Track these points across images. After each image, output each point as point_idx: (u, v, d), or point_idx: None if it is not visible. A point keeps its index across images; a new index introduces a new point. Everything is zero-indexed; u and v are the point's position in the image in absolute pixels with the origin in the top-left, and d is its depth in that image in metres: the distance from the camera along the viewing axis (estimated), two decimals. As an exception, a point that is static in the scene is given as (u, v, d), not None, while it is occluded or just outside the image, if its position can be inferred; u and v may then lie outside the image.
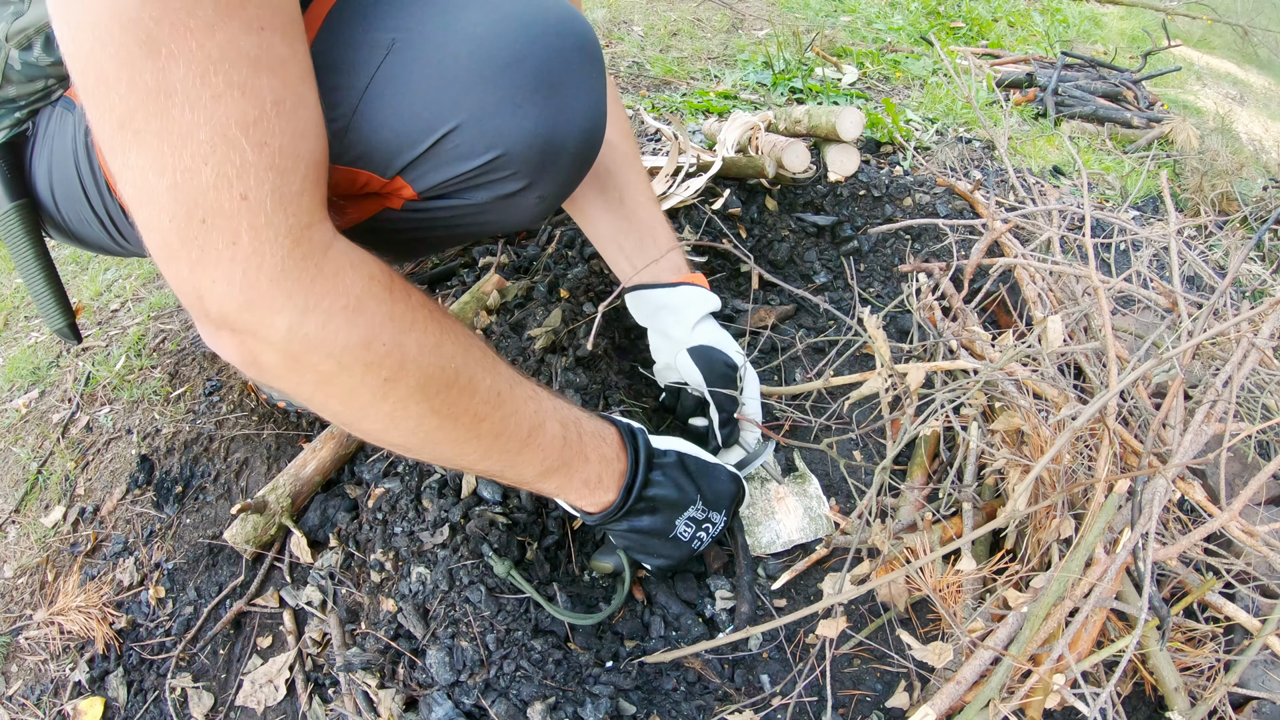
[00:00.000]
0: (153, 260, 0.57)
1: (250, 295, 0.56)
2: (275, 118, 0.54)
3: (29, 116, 0.83)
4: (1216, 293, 1.00)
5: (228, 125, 0.52)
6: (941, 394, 0.94)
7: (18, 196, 0.85)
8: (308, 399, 0.64)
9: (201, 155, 0.51)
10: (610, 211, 1.06)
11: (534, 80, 0.67)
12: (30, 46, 0.76)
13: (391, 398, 0.64)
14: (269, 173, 0.54)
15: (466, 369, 0.69)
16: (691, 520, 0.91)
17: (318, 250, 0.58)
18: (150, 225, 0.54)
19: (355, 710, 0.89)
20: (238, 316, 0.56)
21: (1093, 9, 3.64)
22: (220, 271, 0.55)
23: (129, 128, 0.51)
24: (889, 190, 1.65)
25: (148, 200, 0.53)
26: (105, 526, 1.18)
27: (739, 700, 0.91)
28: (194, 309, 0.58)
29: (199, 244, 0.54)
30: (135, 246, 0.90)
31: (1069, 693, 0.76)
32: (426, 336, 0.65)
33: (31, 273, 0.87)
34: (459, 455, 0.72)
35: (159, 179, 0.52)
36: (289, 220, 0.56)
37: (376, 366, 0.62)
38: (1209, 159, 1.93)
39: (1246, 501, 0.78)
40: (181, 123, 0.51)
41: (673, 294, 1.08)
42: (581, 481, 0.83)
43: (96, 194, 0.83)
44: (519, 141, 0.69)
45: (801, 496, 1.10)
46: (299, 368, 0.60)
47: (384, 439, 0.69)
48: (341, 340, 0.60)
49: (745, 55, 2.59)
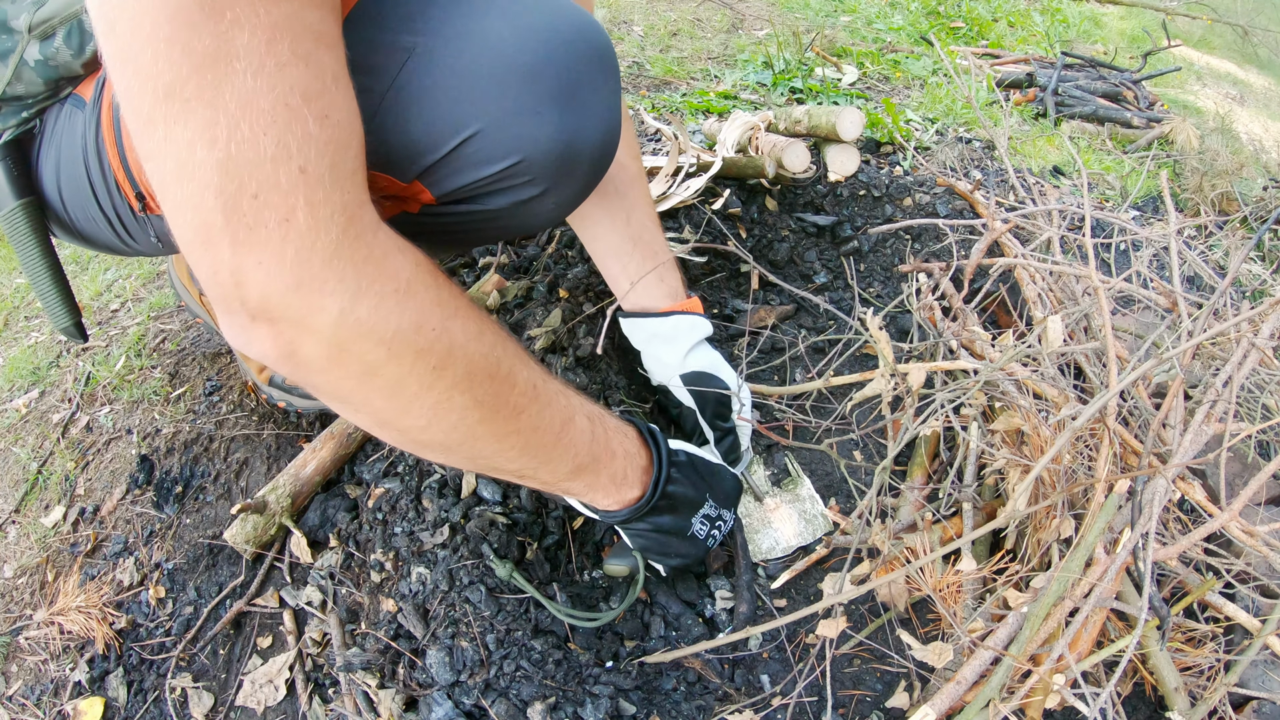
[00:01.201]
0: (182, 247, 0.53)
1: (300, 276, 0.52)
2: (336, 93, 0.52)
3: (36, 115, 0.83)
4: (1216, 293, 1.00)
5: (291, 94, 0.49)
6: (941, 394, 0.94)
7: (24, 194, 0.84)
8: (345, 395, 0.60)
9: (263, 125, 0.48)
10: (616, 231, 1.06)
11: (554, 88, 0.67)
12: (52, 36, 0.76)
13: (438, 388, 0.61)
14: (328, 147, 0.52)
15: (506, 359, 0.67)
16: (706, 518, 0.93)
17: (369, 231, 0.56)
18: (188, 203, 0.50)
19: (355, 710, 0.89)
20: (282, 300, 0.53)
21: (1093, 9, 3.64)
22: (269, 251, 0.51)
23: (177, 96, 0.47)
24: (889, 190, 1.65)
25: (190, 175, 0.49)
26: (105, 526, 1.18)
27: (739, 700, 0.91)
28: (227, 297, 0.53)
29: (248, 221, 0.50)
30: (142, 246, 0.90)
31: (1069, 693, 0.76)
32: (469, 324, 0.63)
33: (38, 271, 0.86)
34: (497, 452, 0.70)
35: (208, 151, 0.48)
36: (344, 197, 0.53)
37: (426, 353, 0.59)
38: (1209, 159, 1.93)
39: (1246, 501, 0.78)
40: (243, 89, 0.47)
41: (665, 324, 1.09)
42: (609, 478, 0.82)
43: (105, 193, 0.82)
44: (538, 148, 0.69)
45: (795, 501, 1.11)
46: (344, 357, 0.57)
47: (422, 437, 0.66)
48: (393, 325, 0.57)
49: (745, 55, 2.59)
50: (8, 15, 0.77)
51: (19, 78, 0.78)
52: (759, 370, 1.32)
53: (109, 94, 0.77)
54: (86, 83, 0.81)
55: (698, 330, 1.09)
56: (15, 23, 0.76)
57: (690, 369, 1.09)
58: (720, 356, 1.12)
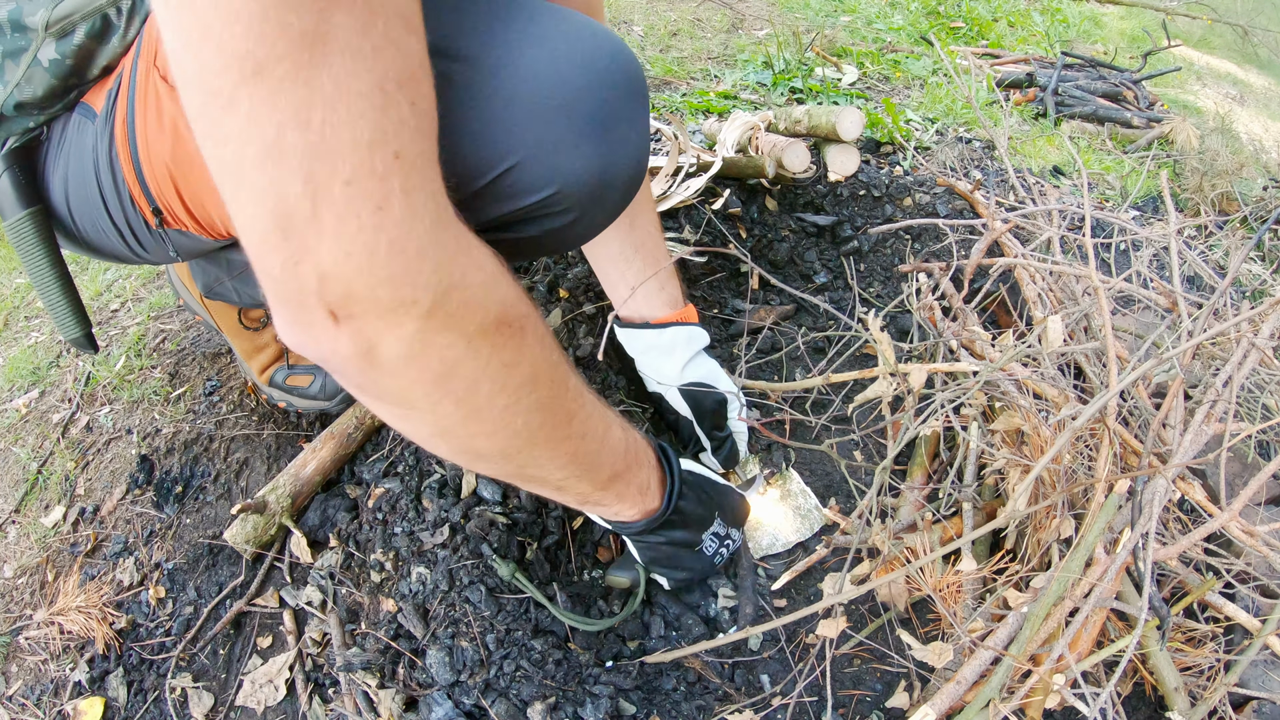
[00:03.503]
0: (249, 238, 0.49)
1: (393, 269, 0.49)
2: (423, 79, 0.50)
3: (43, 124, 0.82)
4: (1216, 293, 1.00)
5: (386, 79, 0.47)
6: (942, 394, 0.94)
7: (31, 203, 0.82)
8: (416, 400, 0.57)
9: (360, 109, 0.46)
10: (618, 238, 1.06)
11: (591, 119, 0.67)
12: (72, 33, 0.74)
13: (509, 388, 0.60)
14: (419, 134, 0.50)
15: (562, 362, 0.66)
16: (715, 536, 0.94)
17: (455, 220, 0.54)
18: (270, 190, 0.46)
19: (355, 710, 0.89)
20: (370, 295, 0.49)
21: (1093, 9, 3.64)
22: (361, 242, 0.48)
23: (269, 75, 0.44)
24: (889, 190, 1.65)
25: (278, 159, 0.45)
26: (105, 526, 1.18)
27: (739, 700, 0.91)
28: (304, 291, 0.49)
29: (339, 210, 0.47)
30: (153, 256, 0.89)
31: (1069, 693, 0.76)
32: (537, 323, 0.62)
33: (46, 281, 0.84)
34: (550, 459, 0.69)
35: (301, 134, 0.45)
36: (434, 184, 0.51)
37: (504, 346, 0.58)
38: (1209, 159, 1.93)
39: (1246, 501, 0.78)
40: (340, 71, 0.45)
41: (662, 336, 1.09)
42: (637, 488, 0.83)
43: (118, 206, 0.81)
44: (575, 179, 0.68)
45: (787, 498, 1.11)
46: (425, 355, 0.53)
47: (481, 445, 0.63)
48: (478, 318, 0.55)
49: (745, 55, 2.58)
50: (22, 12, 0.74)
51: (29, 80, 0.76)
52: (758, 365, 1.32)
53: (123, 108, 0.75)
54: (96, 92, 0.79)
55: (695, 342, 1.10)
56: (31, 19, 0.74)
57: (688, 380, 1.09)
58: (717, 365, 1.13)
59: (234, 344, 1.24)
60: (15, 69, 0.76)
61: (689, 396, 1.10)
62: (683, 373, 1.09)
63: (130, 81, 0.74)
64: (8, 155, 0.82)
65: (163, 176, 0.74)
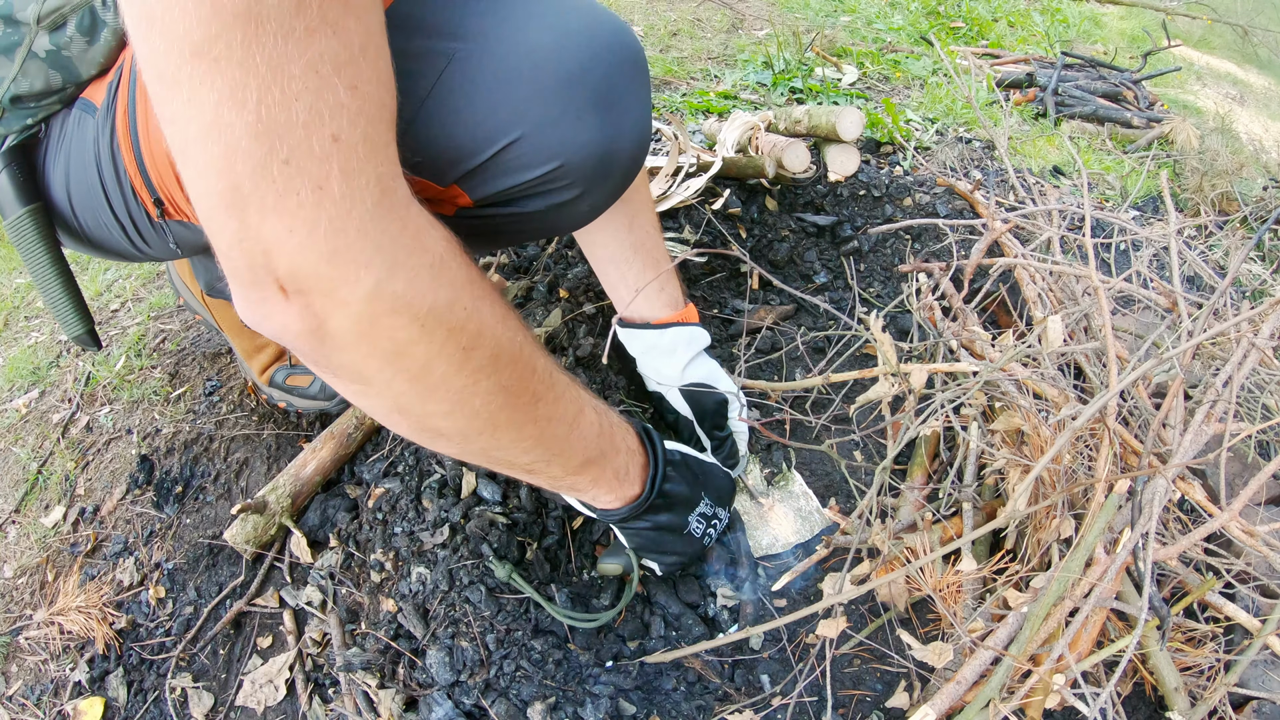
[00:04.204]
0: (203, 214, 0.51)
1: (335, 245, 0.50)
2: (363, 63, 0.50)
3: (41, 121, 0.81)
4: (1216, 293, 1.00)
5: (320, 62, 0.47)
6: (942, 394, 0.94)
7: (30, 200, 0.82)
8: (369, 376, 0.58)
9: (294, 90, 0.47)
10: (617, 238, 1.06)
11: (594, 94, 0.68)
12: (63, 26, 0.74)
13: (466, 370, 0.60)
14: (360, 117, 0.50)
15: (527, 345, 0.67)
16: (702, 516, 0.94)
17: (401, 204, 0.54)
18: (212, 167, 0.48)
19: (355, 710, 0.89)
20: (314, 271, 0.51)
21: (1093, 9, 3.64)
22: (301, 219, 0.49)
23: (206, 55, 0.45)
24: (889, 190, 1.65)
25: (217, 137, 0.47)
26: (105, 526, 1.18)
27: (739, 700, 0.91)
28: (252, 266, 0.51)
29: (278, 187, 0.48)
30: (156, 251, 0.88)
31: (1069, 693, 0.76)
32: (496, 306, 0.62)
33: (47, 279, 0.84)
34: (514, 441, 0.69)
35: (237, 114, 0.46)
36: (378, 169, 0.52)
37: (458, 332, 0.58)
38: (1209, 159, 1.93)
39: (1246, 501, 0.78)
40: (274, 53, 0.46)
41: (663, 337, 1.09)
42: (614, 473, 0.82)
43: (120, 199, 0.81)
44: (579, 153, 0.69)
45: (789, 499, 1.12)
46: (374, 334, 0.55)
47: (441, 425, 0.64)
48: (428, 300, 0.55)
49: (745, 55, 2.58)
50: (13, 7, 0.75)
51: (25, 73, 0.76)
52: (758, 365, 1.32)
53: (123, 99, 0.76)
54: (95, 86, 0.79)
55: (696, 343, 1.10)
56: (22, 14, 0.74)
57: (688, 380, 1.09)
58: (717, 366, 1.13)
59: (234, 343, 1.24)
60: (9, 64, 0.76)
61: (689, 397, 1.10)
62: (683, 373, 1.09)
63: (131, 73, 0.75)
64: (6, 153, 0.81)
65: (164, 166, 0.74)
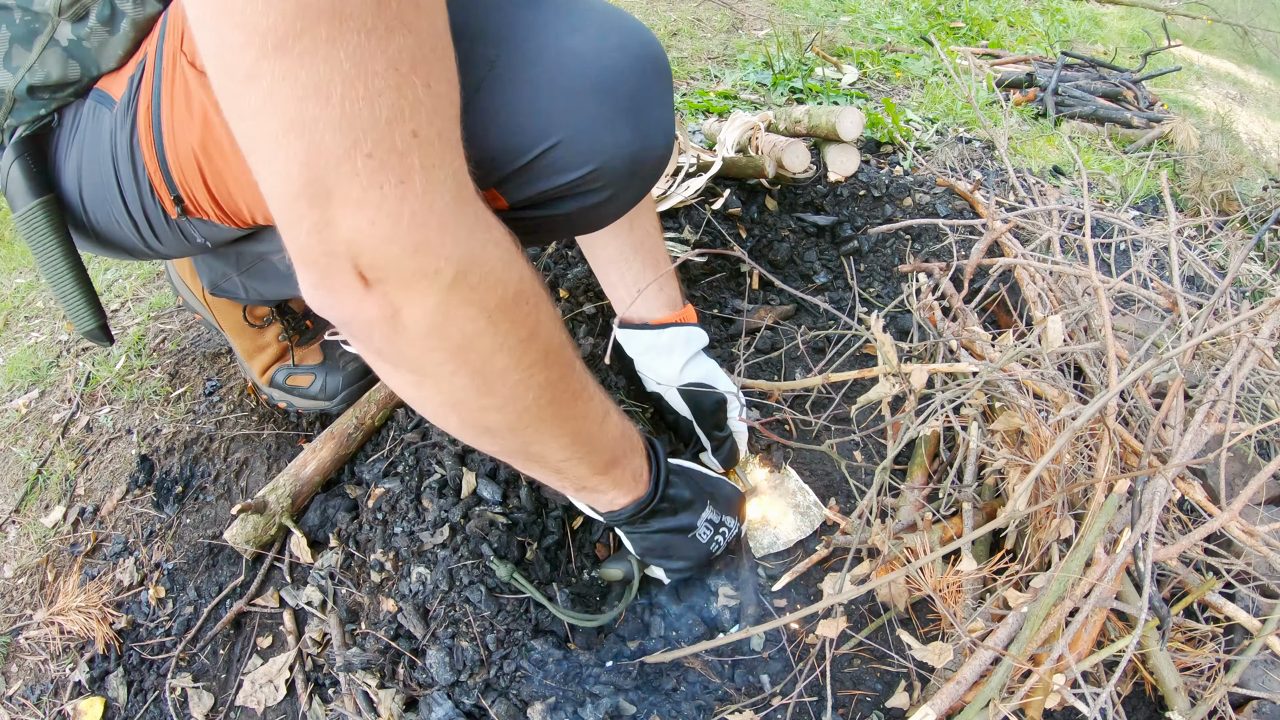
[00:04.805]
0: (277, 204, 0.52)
1: (418, 239, 0.52)
2: (435, 61, 0.52)
3: (54, 111, 0.80)
4: (1216, 293, 1.00)
5: (400, 59, 0.49)
6: (942, 394, 0.94)
7: (42, 192, 0.81)
8: (432, 369, 0.60)
9: (377, 87, 0.48)
10: (618, 237, 1.07)
11: (626, 101, 0.70)
12: (85, 16, 0.74)
13: (524, 363, 0.62)
14: (435, 115, 0.52)
15: (569, 343, 0.69)
16: (710, 523, 0.94)
17: (474, 199, 0.57)
18: (295, 159, 0.49)
19: (355, 710, 0.89)
20: (397, 262, 0.52)
21: (1093, 9, 3.64)
22: (385, 211, 0.50)
23: (291, 49, 0.46)
24: (889, 190, 1.65)
25: (300, 131, 0.48)
26: (105, 526, 1.18)
27: (739, 700, 0.91)
28: (332, 254, 0.52)
29: (363, 181, 0.49)
30: (165, 248, 0.87)
31: (1069, 693, 0.76)
32: (549, 304, 0.65)
33: (59, 272, 0.83)
34: (553, 437, 0.71)
35: (321, 107, 0.47)
36: (454, 164, 0.54)
37: (520, 325, 0.60)
38: (1209, 159, 1.93)
39: (1246, 501, 0.78)
40: (357, 49, 0.47)
41: (661, 337, 1.10)
42: (631, 474, 0.84)
43: (136, 196, 0.80)
44: (613, 157, 0.71)
45: (785, 496, 1.11)
46: (446, 325, 0.56)
47: (490, 419, 0.66)
48: (498, 294, 0.58)
49: (745, 55, 2.59)
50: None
51: (43, 63, 0.76)
52: (758, 365, 1.32)
53: (146, 94, 0.75)
54: (113, 78, 0.78)
55: (693, 343, 1.10)
56: (40, 5, 0.74)
57: (687, 380, 1.09)
58: (716, 365, 1.13)
59: (235, 343, 1.24)
60: (27, 53, 0.76)
61: (688, 396, 1.10)
62: (681, 373, 1.09)
63: (155, 68, 0.74)
64: (18, 144, 0.80)
65: (188, 164, 0.74)
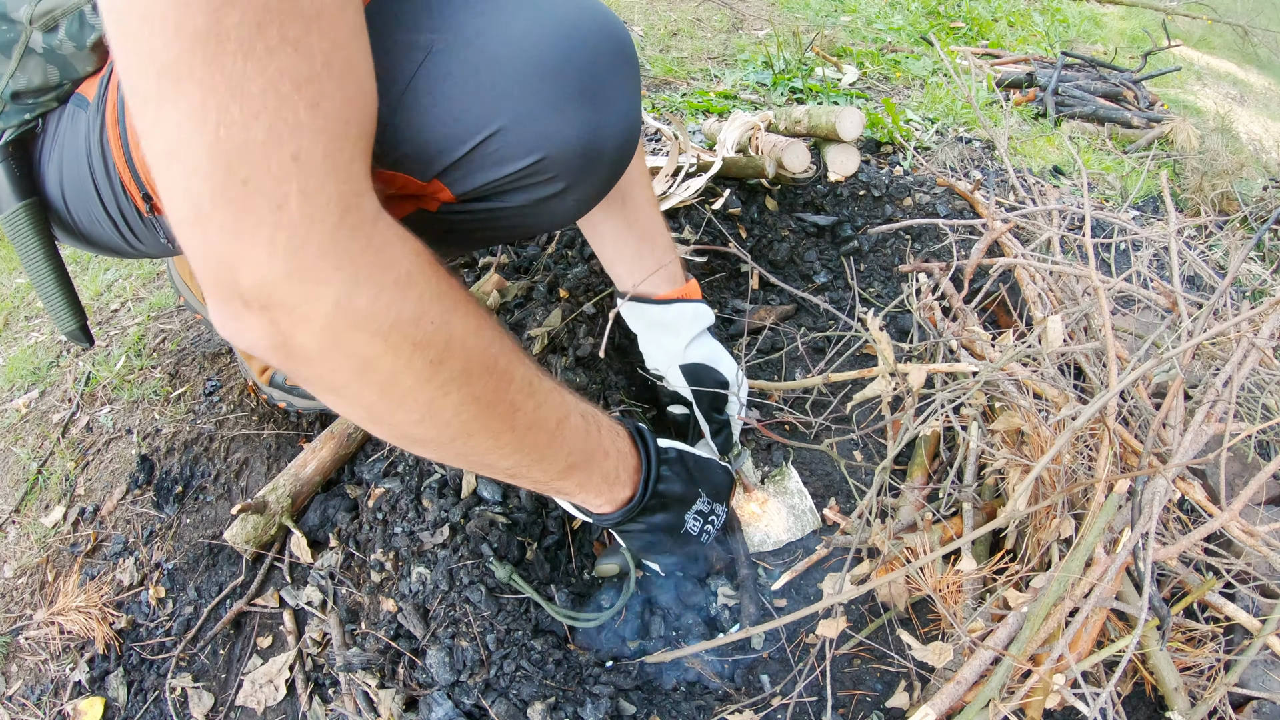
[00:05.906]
0: (173, 228, 0.52)
1: (295, 264, 0.51)
2: (326, 79, 0.50)
3: (38, 116, 0.82)
4: (1216, 293, 1.00)
5: (281, 80, 0.48)
6: (942, 394, 0.94)
7: (26, 196, 0.83)
8: (339, 387, 0.59)
9: (253, 110, 0.47)
10: (613, 216, 1.06)
11: (577, 85, 0.67)
12: (55, 28, 0.75)
13: (435, 382, 0.60)
14: (321, 135, 0.50)
15: (504, 355, 0.67)
16: (699, 514, 0.93)
17: (367, 221, 0.55)
18: (178, 185, 0.49)
19: (355, 710, 0.89)
20: (276, 289, 0.51)
21: (1093, 9, 3.64)
22: (261, 238, 0.49)
23: (170, 75, 0.46)
24: (889, 190, 1.65)
25: (181, 157, 0.48)
26: (105, 526, 1.18)
27: (739, 700, 0.91)
28: (219, 283, 0.52)
29: (238, 207, 0.48)
30: (148, 248, 0.89)
31: (1069, 693, 0.76)
32: (469, 318, 0.62)
33: (41, 274, 0.85)
34: (490, 449, 0.69)
35: (198, 133, 0.47)
36: (340, 187, 0.52)
37: (425, 346, 0.58)
38: (1209, 159, 1.93)
39: (1246, 501, 0.78)
40: (233, 72, 0.46)
41: (667, 311, 1.08)
42: (601, 477, 0.82)
43: (110, 194, 0.81)
44: (561, 146, 0.68)
45: (783, 495, 1.11)
46: (339, 349, 0.55)
47: (413, 432, 0.64)
48: (392, 316, 0.56)
49: (745, 55, 2.58)
50: (8, 7, 0.76)
51: (24, 69, 0.77)
52: (758, 365, 1.32)
53: (113, 94, 0.76)
54: (90, 82, 0.80)
55: (699, 320, 1.09)
56: (16, 14, 0.75)
57: (691, 360, 1.08)
58: (720, 346, 1.12)
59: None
60: (7, 60, 0.77)
61: (690, 376, 1.08)
62: (686, 351, 1.08)
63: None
64: (3, 148, 0.82)
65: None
